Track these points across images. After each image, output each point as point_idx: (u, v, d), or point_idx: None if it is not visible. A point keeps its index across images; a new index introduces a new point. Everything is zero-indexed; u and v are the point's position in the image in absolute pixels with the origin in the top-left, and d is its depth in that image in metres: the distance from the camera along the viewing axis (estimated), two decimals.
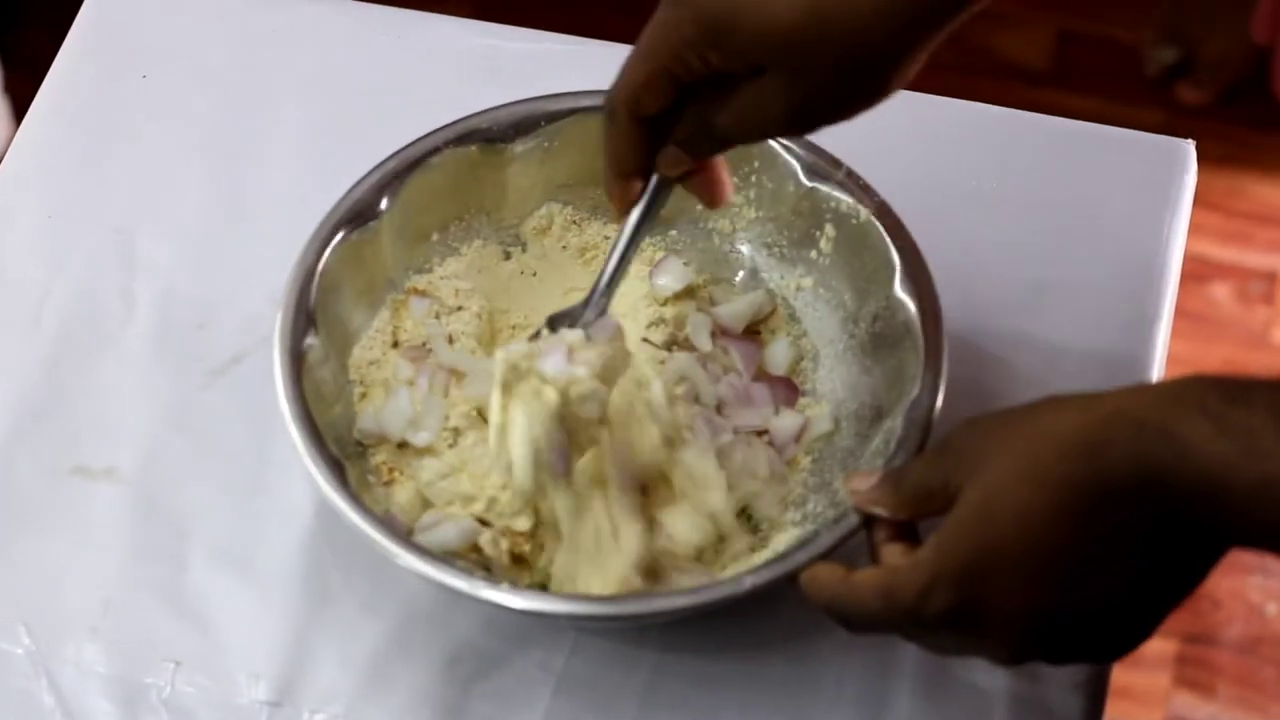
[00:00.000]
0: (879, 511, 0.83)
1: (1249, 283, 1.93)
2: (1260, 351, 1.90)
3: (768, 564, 0.86)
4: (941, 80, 1.05)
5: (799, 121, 0.84)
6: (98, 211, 1.06)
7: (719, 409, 0.95)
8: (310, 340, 0.91)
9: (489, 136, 0.98)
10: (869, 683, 0.91)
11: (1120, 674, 1.75)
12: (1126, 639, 0.75)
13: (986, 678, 0.91)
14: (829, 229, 0.97)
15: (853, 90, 0.82)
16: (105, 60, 1.12)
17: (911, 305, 0.92)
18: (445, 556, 0.88)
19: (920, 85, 1.08)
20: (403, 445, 0.94)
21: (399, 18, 1.14)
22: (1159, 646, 1.78)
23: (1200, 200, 1.09)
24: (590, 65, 1.09)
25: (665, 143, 0.88)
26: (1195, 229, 1.09)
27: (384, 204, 0.95)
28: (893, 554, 0.82)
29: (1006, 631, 0.76)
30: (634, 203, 0.91)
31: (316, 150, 1.08)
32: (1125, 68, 2.11)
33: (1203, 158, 1.08)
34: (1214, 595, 1.81)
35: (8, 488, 0.97)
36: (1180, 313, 1.04)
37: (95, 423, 0.99)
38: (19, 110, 1.83)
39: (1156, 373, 1.01)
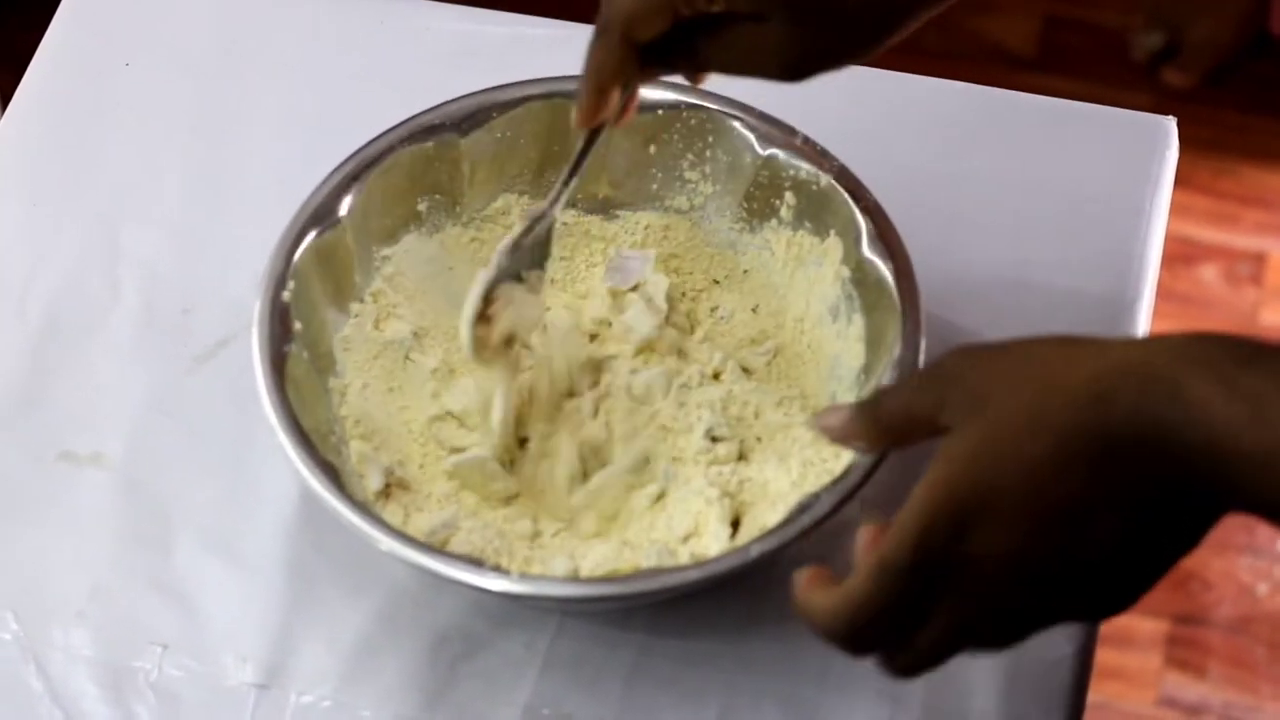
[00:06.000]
0: (856, 446, 0.81)
1: (1236, 264, 1.93)
2: (1248, 333, 1.90)
3: (750, 543, 0.86)
4: (927, 65, 1.06)
5: (792, 70, 0.84)
6: (82, 199, 1.07)
7: None
8: (289, 346, 0.91)
9: (442, 131, 0.98)
10: (856, 662, 0.92)
11: (1111, 655, 1.76)
12: (1116, 598, 0.74)
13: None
14: (789, 197, 0.97)
15: (850, 43, 0.82)
16: (87, 49, 1.13)
17: (882, 264, 0.93)
18: (428, 543, 0.88)
19: (902, 65, 1.09)
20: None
21: (380, 3, 1.14)
22: (1150, 627, 1.79)
23: (1187, 182, 1.09)
24: (570, 48, 1.08)
25: (649, 63, 0.87)
26: (1183, 211, 1.09)
27: (344, 208, 0.95)
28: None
29: (999, 579, 0.73)
30: (601, 118, 0.89)
31: (299, 136, 1.08)
32: (1112, 52, 2.11)
33: (1190, 141, 1.08)
34: (1204, 576, 1.81)
35: None
36: (1168, 295, 1.05)
37: (81, 409, 0.99)
38: (3, 99, 1.83)
39: None
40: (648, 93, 0.97)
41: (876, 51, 0.83)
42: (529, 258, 0.93)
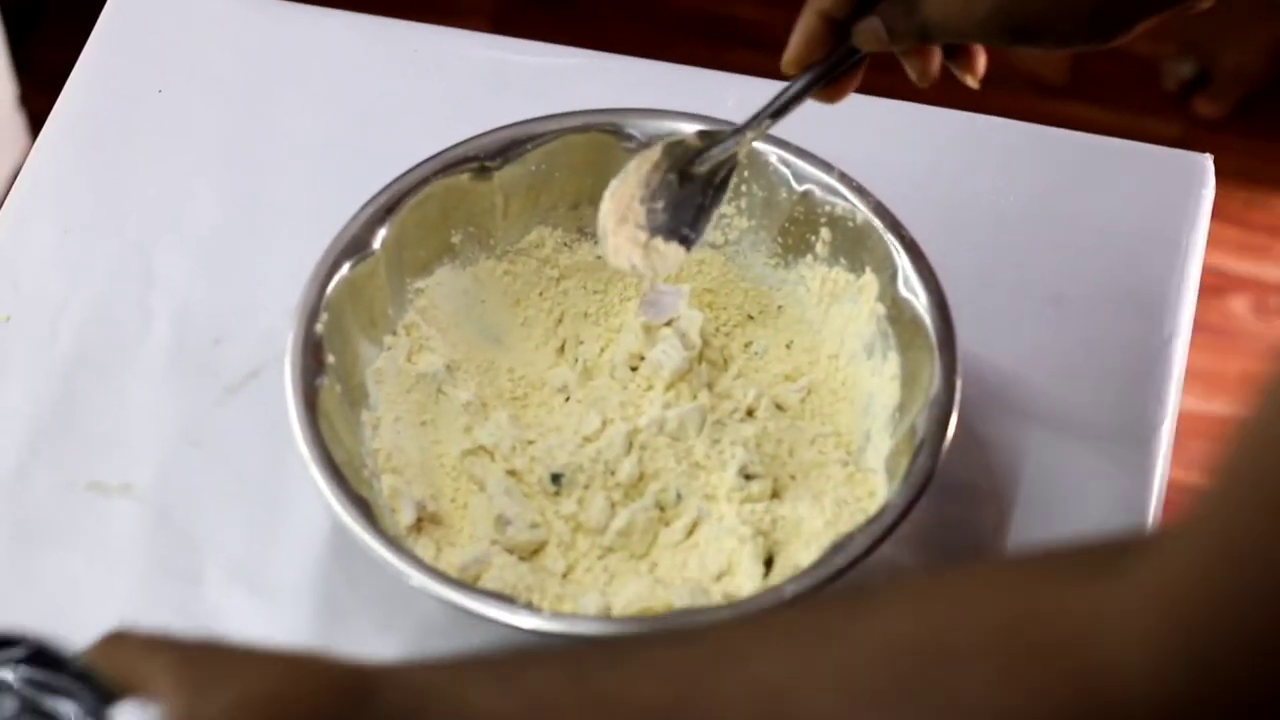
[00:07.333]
0: None
1: (1268, 295, 1.92)
2: None
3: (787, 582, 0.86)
4: (959, 93, 1.05)
5: (1003, 29, 0.82)
6: (114, 225, 1.06)
7: None
8: (321, 379, 0.91)
9: (477, 163, 0.97)
10: None
11: None
12: None
13: None
14: (825, 233, 0.97)
15: (1069, 12, 0.81)
16: (121, 75, 1.12)
17: (918, 302, 0.92)
18: (459, 579, 0.88)
19: (936, 98, 1.08)
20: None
21: (412, 31, 1.14)
22: None
23: (1218, 213, 1.09)
24: (602, 78, 1.09)
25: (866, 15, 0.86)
26: (1213, 242, 1.08)
27: (378, 240, 0.95)
28: None
29: None
30: (808, 62, 0.88)
31: (331, 164, 1.08)
32: (1143, 81, 2.10)
33: (1221, 171, 1.08)
34: None
35: (23, 503, 0.97)
36: (1199, 326, 1.04)
37: (111, 438, 0.99)
38: (36, 124, 1.83)
39: (1175, 387, 1.00)
40: (684, 127, 0.96)
41: (1098, 43, 0.82)
42: (693, 202, 0.93)
